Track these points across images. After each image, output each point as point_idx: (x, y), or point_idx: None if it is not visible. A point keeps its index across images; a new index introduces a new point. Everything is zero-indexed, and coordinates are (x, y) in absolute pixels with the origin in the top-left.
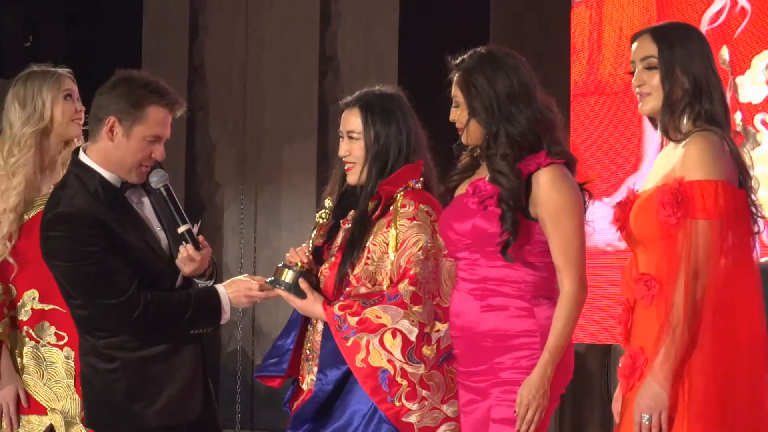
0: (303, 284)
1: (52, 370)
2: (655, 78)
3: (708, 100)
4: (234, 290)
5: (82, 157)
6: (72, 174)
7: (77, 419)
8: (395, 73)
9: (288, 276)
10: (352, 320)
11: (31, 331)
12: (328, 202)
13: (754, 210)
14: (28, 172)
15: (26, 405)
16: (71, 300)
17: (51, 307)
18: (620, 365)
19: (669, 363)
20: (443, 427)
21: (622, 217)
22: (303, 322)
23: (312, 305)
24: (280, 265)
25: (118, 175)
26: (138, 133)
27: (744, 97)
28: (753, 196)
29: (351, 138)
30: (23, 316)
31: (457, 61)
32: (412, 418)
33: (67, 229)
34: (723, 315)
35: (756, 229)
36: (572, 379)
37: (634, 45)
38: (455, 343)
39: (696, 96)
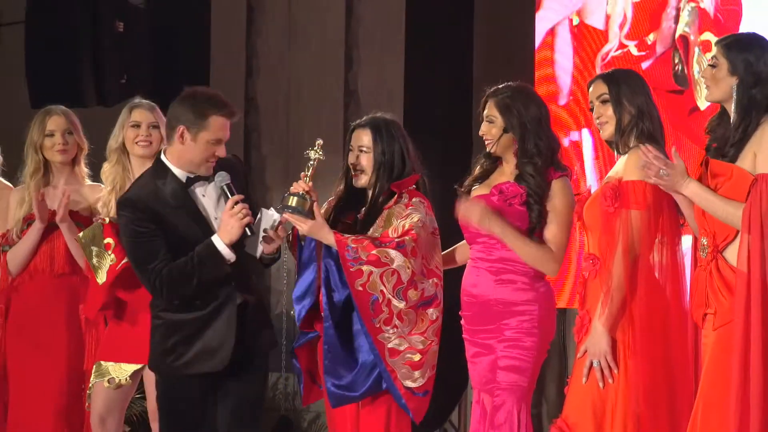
0: (315, 209)
1: None
2: (609, 109)
3: (649, 121)
4: (221, 228)
5: (162, 156)
6: (151, 168)
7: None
8: (401, 105)
9: (293, 201)
10: (364, 254)
11: None
12: (313, 154)
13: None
14: (114, 181)
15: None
16: None
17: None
18: (575, 325)
19: (605, 318)
20: (408, 352)
21: (579, 210)
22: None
23: (320, 227)
24: (285, 195)
25: (188, 171)
26: (203, 138)
27: None
28: None
29: (362, 151)
30: None
31: (493, 90)
32: (385, 338)
33: (127, 211)
34: (653, 282)
35: (681, 222)
36: None
37: (590, 88)
38: (468, 306)
39: (640, 118)
